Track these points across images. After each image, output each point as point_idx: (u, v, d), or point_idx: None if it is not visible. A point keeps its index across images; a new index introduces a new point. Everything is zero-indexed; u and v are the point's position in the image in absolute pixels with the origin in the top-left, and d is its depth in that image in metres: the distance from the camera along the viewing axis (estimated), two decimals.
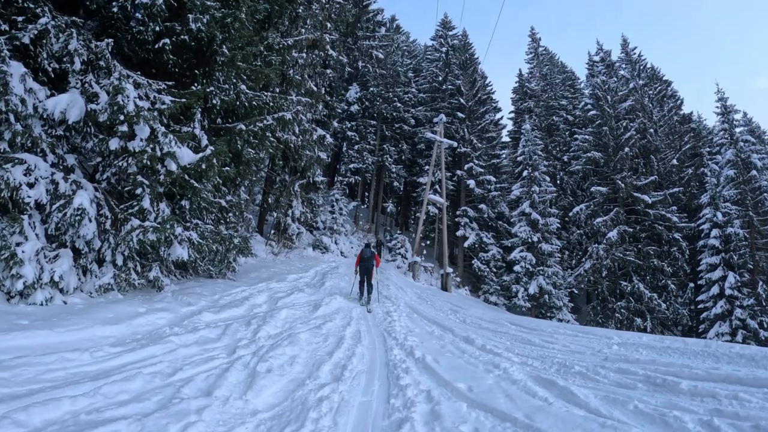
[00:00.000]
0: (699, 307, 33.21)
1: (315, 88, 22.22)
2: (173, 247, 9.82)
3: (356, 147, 42.25)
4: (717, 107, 41.49)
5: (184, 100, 10.44)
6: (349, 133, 42.79)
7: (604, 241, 34.38)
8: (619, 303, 33.25)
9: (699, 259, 34.35)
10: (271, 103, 13.42)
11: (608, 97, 39.78)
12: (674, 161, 42.18)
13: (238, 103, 12.49)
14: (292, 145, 21.85)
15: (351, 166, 41.67)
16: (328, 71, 24.88)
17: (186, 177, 9.98)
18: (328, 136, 25.48)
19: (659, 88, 50.98)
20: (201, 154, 10.18)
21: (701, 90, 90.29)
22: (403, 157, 45.68)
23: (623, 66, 49.69)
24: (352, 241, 33.51)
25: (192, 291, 10.99)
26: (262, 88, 14.38)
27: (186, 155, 10.01)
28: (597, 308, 34.44)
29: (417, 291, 22.90)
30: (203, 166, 9.99)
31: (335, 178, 41.99)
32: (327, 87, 26.30)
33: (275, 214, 24.37)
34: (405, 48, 58.44)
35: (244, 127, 12.03)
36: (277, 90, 16.12)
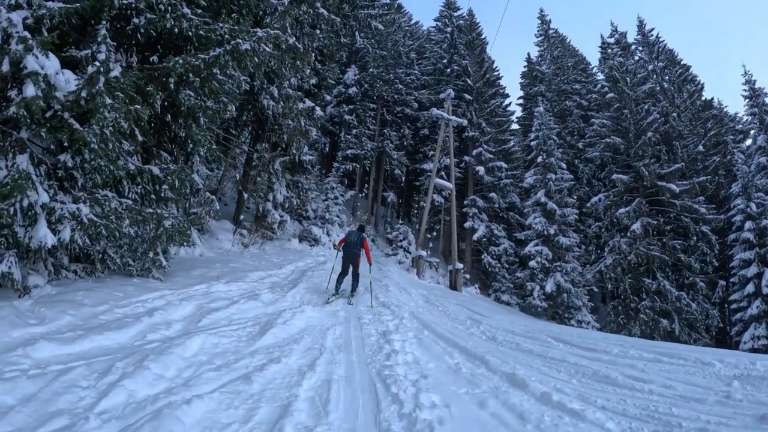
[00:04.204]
0: (732, 307, 30.31)
1: (300, 47, 18.61)
2: (37, 227, 6.25)
3: (354, 132, 39.27)
4: (744, 90, 38.80)
5: (77, 4, 6.86)
6: (347, 117, 39.94)
7: (628, 234, 31.21)
8: (643, 302, 30.02)
9: (730, 255, 31.63)
10: (228, 36, 9.68)
11: (627, 78, 36.55)
12: (700, 147, 38.82)
13: (177, 31, 8.79)
14: (270, 113, 18.42)
15: (349, 152, 38.53)
16: (318, 32, 21.30)
17: (65, 116, 6.40)
18: (318, 109, 22.03)
19: (679, 71, 47.84)
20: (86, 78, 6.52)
21: (716, 79, 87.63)
22: (405, 143, 42.73)
23: (640, 48, 47.12)
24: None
25: (70, 298, 7.06)
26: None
27: (74, 85, 6.47)
28: (618, 308, 31.16)
29: (423, 292, 18.94)
30: (83, 94, 6.32)
31: (332, 166, 38.69)
32: (317, 52, 22.74)
33: (245, 197, 20.69)
34: (407, 28, 55.79)
35: (180, 61, 8.37)
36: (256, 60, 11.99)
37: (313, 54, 21.51)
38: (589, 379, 6.64)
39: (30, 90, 5.82)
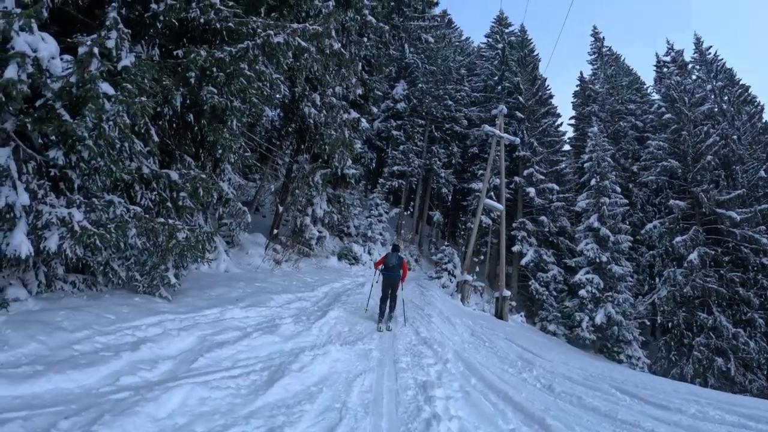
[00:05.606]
0: None
1: (346, 54, 17.66)
2: (15, 232, 5.62)
3: (401, 148, 38.88)
4: None
5: None
6: (395, 132, 39.65)
7: (684, 265, 29.45)
8: (697, 339, 28.20)
9: None
10: (261, 30, 8.67)
11: (685, 98, 34.88)
12: (762, 173, 36.74)
13: (203, 22, 7.99)
14: (311, 121, 17.61)
15: (395, 168, 38.07)
16: (365, 40, 20.42)
17: (56, 105, 5.60)
18: (364, 121, 21.24)
19: (738, 91, 45.82)
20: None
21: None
22: (453, 161, 42.08)
23: (697, 67, 45.30)
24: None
25: (49, 318, 6.01)
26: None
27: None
28: (670, 344, 29.45)
29: (468, 321, 17.68)
30: (73, 79, 5.48)
31: (378, 182, 37.91)
32: (364, 61, 21.92)
33: (281, 210, 19.72)
34: (457, 44, 55.30)
35: (203, 53, 7.44)
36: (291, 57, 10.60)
37: (360, 63, 20.79)
38: None
39: (10, 72, 5.14)
